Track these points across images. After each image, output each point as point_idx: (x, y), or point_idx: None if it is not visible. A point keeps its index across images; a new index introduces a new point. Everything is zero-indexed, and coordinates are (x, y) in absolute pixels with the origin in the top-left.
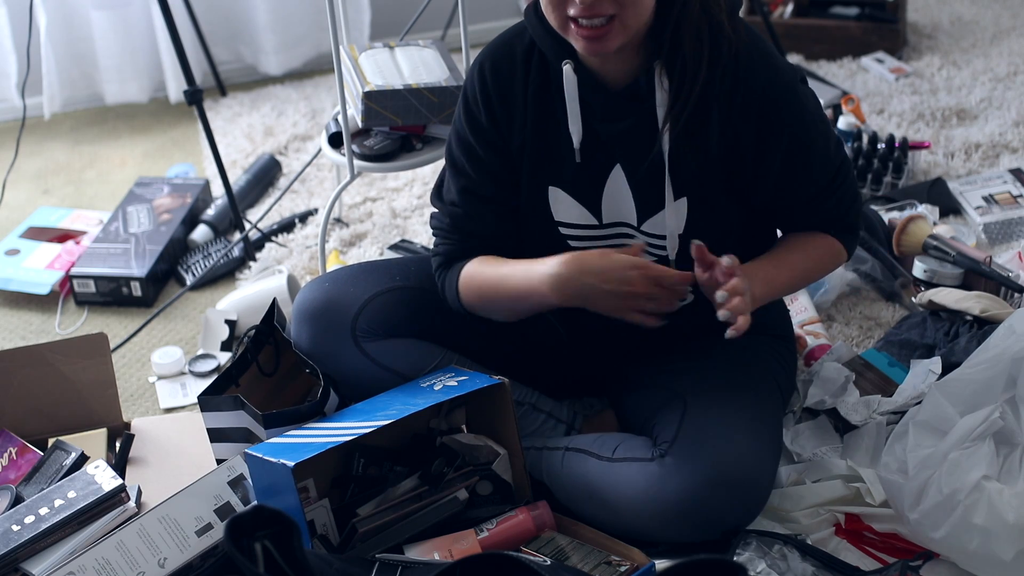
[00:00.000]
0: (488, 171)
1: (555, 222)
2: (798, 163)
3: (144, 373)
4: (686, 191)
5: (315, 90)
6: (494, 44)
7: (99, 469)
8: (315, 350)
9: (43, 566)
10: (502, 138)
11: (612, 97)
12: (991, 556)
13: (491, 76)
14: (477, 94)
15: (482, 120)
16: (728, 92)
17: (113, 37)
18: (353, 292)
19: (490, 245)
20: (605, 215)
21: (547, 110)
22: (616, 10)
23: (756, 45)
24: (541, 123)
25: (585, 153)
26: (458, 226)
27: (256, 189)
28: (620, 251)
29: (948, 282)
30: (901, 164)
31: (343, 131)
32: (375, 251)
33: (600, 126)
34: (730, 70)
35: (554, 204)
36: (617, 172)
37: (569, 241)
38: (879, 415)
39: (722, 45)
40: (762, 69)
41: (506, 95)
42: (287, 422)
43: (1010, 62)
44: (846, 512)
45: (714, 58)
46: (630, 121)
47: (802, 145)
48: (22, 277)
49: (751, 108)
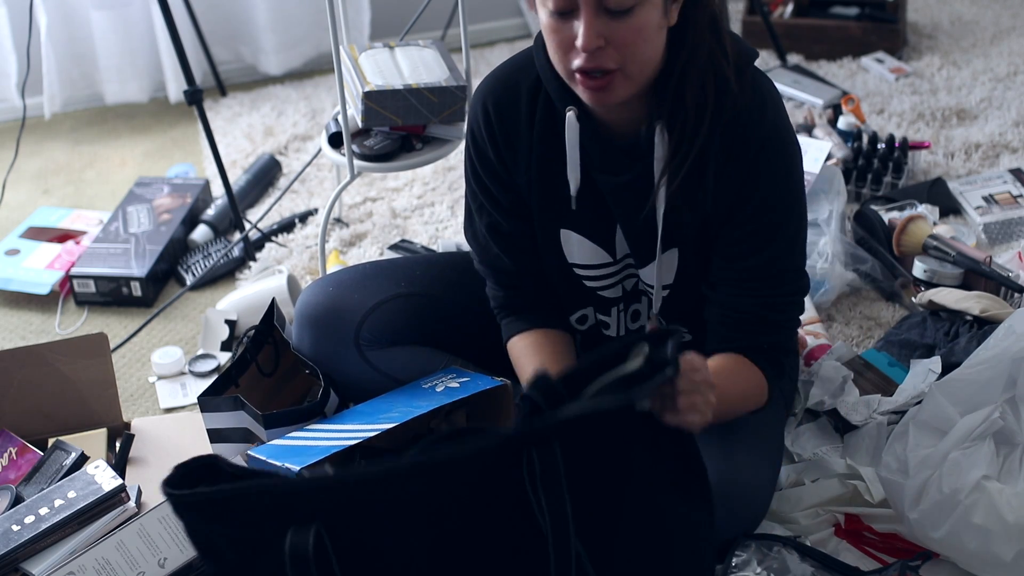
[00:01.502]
0: (503, 208)
1: (569, 264)
2: (760, 225)
3: (144, 373)
4: (678, 243)
5: (315, 90)
6: (497, 78)
7: (99, 469)
8: (317, 355)
9: (43, 566)
10: (508, 174)
11: (611, 150)
12: (991, 556)
13: (495, 113)
14: (482, 131)
15: (489, 156)
16: (727, 148)
17: (113, 37)
18: (357, 299)
19: (527, 282)
20: (619, 249)
21: (551, 153)
22: (619, 63)
23: (764, 104)
24: (546, 164)
25: (582, 201)
26: (496, 268)
27: (256, 189)
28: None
29: (948, 282)
30: (901, 164)
31: (343, 131)
32: (375, 251)
33: (598, 176)
34: (730, 127)
35: (567, 247)
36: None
37: (584, 282)
38: (879, 415)
39: (726, 102)
40: (762, 130)
41: (510, 133)
42: (287, 422)
43: (1010, 62)
44: (846, 512)
45: (716, 113)
46: (628, 176)
47: (770, 210)
48: (22, 277)
49: (742, 166)
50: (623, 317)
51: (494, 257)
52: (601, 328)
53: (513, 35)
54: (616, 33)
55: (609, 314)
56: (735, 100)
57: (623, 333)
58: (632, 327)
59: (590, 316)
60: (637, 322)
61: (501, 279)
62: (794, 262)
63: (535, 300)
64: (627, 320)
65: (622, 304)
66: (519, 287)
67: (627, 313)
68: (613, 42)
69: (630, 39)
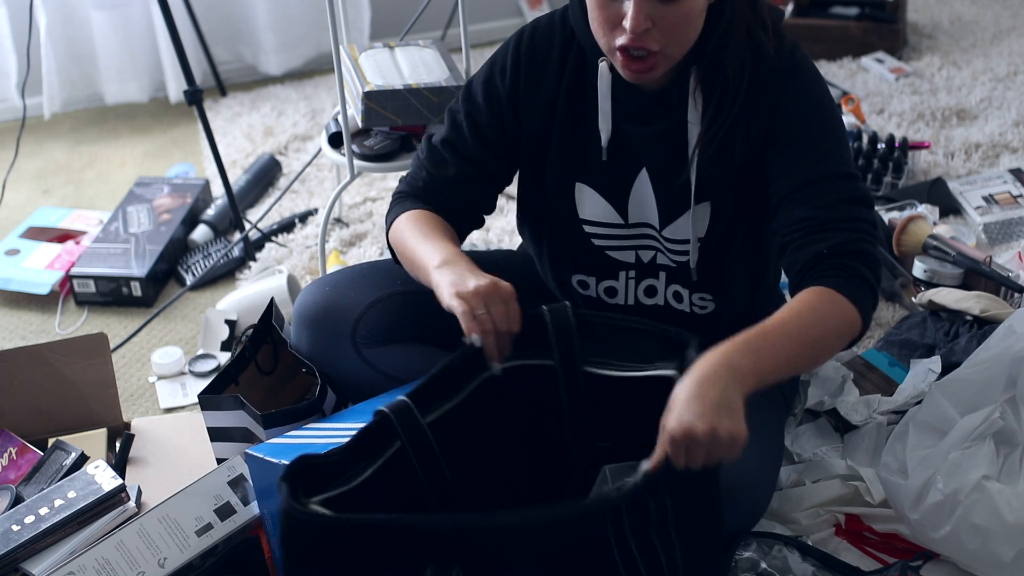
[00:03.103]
0: (481, 135)
1: (579, 220)
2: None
3: (144, 373)
4: (709, 195)
5: (315, 90)
6: (540, 22)
7: (99, 469)
8: (315, 355)
9: (43, 566)
10: (513, 111)
11: (644, 99)
12: (991, 556)
13: (526, 52)
14: (508, 64)
15: (501, 87)
16: (761, 97)
17: (113, 37)
18: (353, 297)
19: (448, 200)
20: (631, 215)
21: (579, 105)
22: (662, 45)
23: (794, 50)
24: (572, 117)
25: (612, 153)
26: (427, 167)
27: (256, 189)
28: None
29: (948, 282)
30: (901, 164)
31: (343, 131)
32: (375, 251)
33: (628, 127)
34: (767, 90)
35: (579, 201)
36: (643, 175)
37: (592, 240)
38: (879, 415)
39: (763, 69)
40: (788, 66)
41: (537, 75)
42: (286, 421)
43: (1010, 62)
44: (846, 513)
45: (754, 81)
46: (659, 126)
47: (805, 127)
48: (22, 277)
49: (771, 95)
50: (633, 286)
51: (436, 162)
52: (607, 296)
53: None
54: (664, 17)
55: (617, 278)
56: (772, 64)
57: (632, 304)
58: (647, 303)
59: (591, 284)
60: (653, 298)
61: (425, 172)
62: (842, 168)
63: (445, 202)
64: (639, 292)
65: (633, 272)
66: (440, 183)
67: (639, 285)
68: (660, 25)
69: (677, 24)
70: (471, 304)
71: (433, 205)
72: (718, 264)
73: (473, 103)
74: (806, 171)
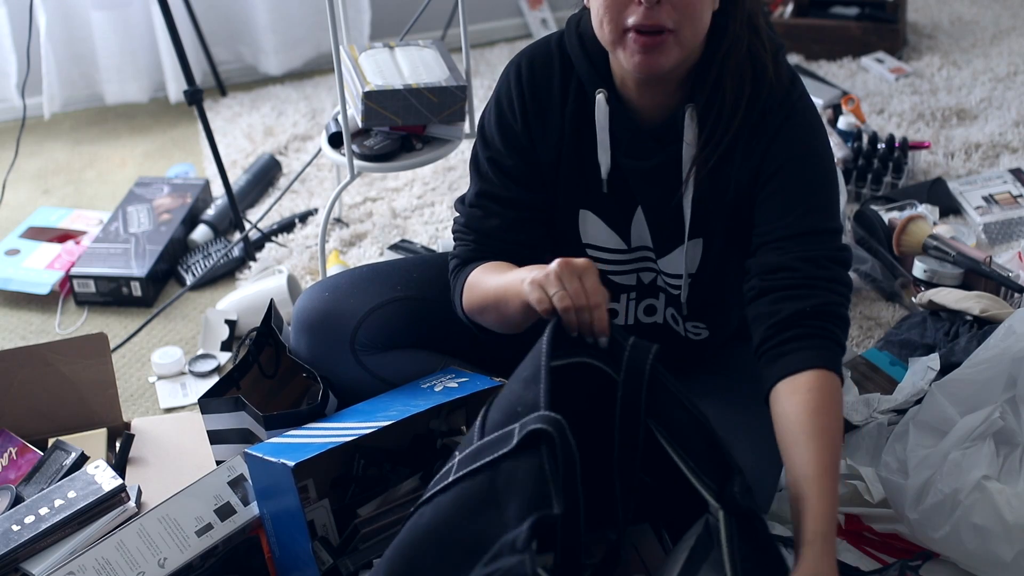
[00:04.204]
0: (511, 175)
1: (583, 244)
2: (788, 185)
3: (144, 373)
4: (701, 232)
5: (315, 90)
6: (535, 49)
7: (99, 469)
8: (314, 360)
9: (43, 566)
10: (532, 144)
11: (641, 135)
12: (991, 556)
13: (528, 84)
14: (513, 98)
15: (514, 124)
16: (755, 136)
17: (113, 37)
18: (353, 304)
19: (505, 249)
20: (633, 240)
21: (582, 134)
22: (676, 24)
23: (793, 83)
24: (575, 147)
25: (612, 185)
26: (472, 227)
27: (256, 189)
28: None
29: (948, 282)
30: (901, 164)
31: (343, 131)
32: (375, 251)
33: (625, 161)
34: (762, 116)
35: (583, 226)
36: (638, 209)
37: (596, 265)
38: (879, 414)
39: (762, 90)
40: (787, 104)
41: (543, 105)
42: (288, 423)
43: (1010, 62)
44: (846, 512)
45: (752, 101)
46: (655, 160)
47: (797, 172)
48: (22, 277)
49: (766, 136)
50: (634, 307)
51: (476, 218)
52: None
53: (513, 35)
54: None
55: (618, 300)
56: (771, 87)
57: (632, 323)
58: (645, 321)
59: None
60: (652, 317)
61: (472, 232)
62: (828, 223)
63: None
64: (639, 312)
65: (634, 294)
66: (491, 238)
67: (639, 304)
68: (672, 1)
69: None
70: (545, 287)
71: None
72: (710, 298)
73: (492, 148)
74: (792, 222)
